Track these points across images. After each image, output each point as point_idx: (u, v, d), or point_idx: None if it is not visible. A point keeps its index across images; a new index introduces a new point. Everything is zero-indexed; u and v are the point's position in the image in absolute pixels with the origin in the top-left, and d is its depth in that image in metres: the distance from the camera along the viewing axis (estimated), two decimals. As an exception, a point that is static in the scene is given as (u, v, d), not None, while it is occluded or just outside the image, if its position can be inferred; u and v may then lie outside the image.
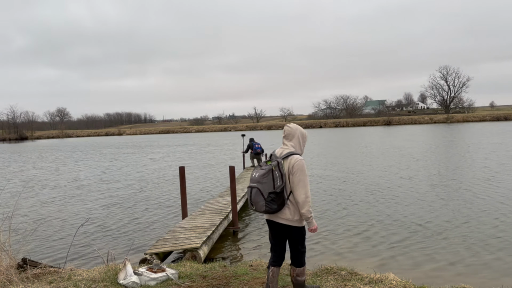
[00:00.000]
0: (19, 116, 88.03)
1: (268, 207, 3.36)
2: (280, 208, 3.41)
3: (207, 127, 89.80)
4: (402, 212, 8.93)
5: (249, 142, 15.83)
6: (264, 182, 3.36)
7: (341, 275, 4.68)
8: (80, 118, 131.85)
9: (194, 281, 4.48)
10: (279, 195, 3.38)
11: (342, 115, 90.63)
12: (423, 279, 5.18)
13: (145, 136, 74.52)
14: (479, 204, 9.37)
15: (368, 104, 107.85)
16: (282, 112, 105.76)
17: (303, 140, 3.64)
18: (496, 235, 7.06)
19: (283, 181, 3.39)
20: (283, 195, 3.41)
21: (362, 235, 7.41)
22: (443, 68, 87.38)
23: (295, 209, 3.44)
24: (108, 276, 4.62)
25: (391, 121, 74.05)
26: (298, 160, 3.43)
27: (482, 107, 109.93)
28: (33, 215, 10.38)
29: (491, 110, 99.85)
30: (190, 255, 5.84)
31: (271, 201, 3.36)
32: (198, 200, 11.34)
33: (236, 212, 8.12)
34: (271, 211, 3.40)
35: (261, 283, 4.31)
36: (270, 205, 3.36)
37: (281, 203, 3.41)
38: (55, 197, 13.01)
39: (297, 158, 3.44)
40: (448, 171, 14.45)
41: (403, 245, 6.78)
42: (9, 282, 4.36)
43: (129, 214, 10.10)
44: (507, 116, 69.56)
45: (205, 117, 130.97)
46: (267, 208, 3.37)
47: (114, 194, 13.04)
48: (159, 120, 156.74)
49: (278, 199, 3.38)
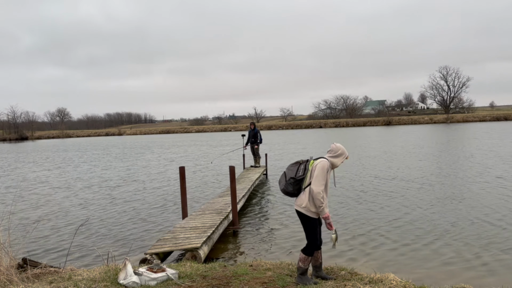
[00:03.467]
0: (20, 116, 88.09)
1: (286, 187, 4.33)
2: (294, 193, 4.33)
3: (207, 127, 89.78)
4: (402, 212, 8.94)
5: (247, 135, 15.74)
6: (290, 169, 4.37)
7: (341, 275, 4.69)
8: (80, 118, 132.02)
9: (194, 281, 4.48)
10: (296, 182, 4.29)
11: (342, 115, 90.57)
12: (423, 279, 5.19)
13: (145, 136, 74.51)
14: (479, 203, 9.37)
15: (368, 104, 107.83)
16: (282, 112, 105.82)
17: (342, 156, 4.35)
18: (497, 235, 7.06)
19: (304, 174, 4.27)
20: (300, 184, 4.30)
21: (362, 235, 7.41)
22: (443, 68, 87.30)
23: (309, 201, 4.20)
24: (108, 276, 4.62)
25: (391, 121, 74.06)
26: (322, 161, 4.26)
27: (482, 107, 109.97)
28: (33, 215, 10.38)
29: (491, 110, 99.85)
30: (190, 255, 5.84)
31: (289, 184, 4.30)
32: (199, 200, 11.35)
33: (236, 212, 8.12)
34: (287, 192, 4.35)
35: (261, 283, 4.32)
36: (288, 186, 4.31)
37: (297, 189, 4.31)
38: (55, 197, 13.01)
39: (321, 160, 4.27)
40: (448, 169, 14.45)
41: (403, 245, 6.77)
42: (9, 282, 4.36)
43: (129, 214, 10.10)
44: (507, 116, 69.55)
45: (205, 117, 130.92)
46: (284, 188, 4.35)
47: (115, 194, 13.04)
48: (159, 120, 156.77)
49: (295, 185, 4.29)
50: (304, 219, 4.28)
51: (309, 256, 4.29)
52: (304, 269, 4.31)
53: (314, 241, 4.28)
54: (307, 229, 4.30)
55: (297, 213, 4.36)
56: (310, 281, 4.31)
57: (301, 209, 4.24)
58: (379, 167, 16.37)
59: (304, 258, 4.28)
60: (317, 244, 4.33)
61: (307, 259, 4.29)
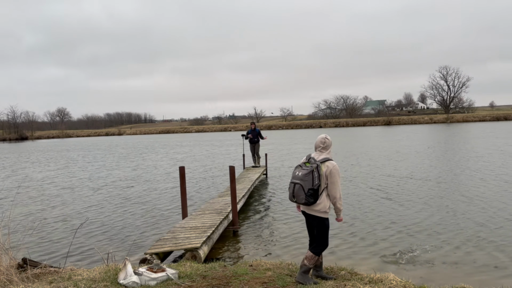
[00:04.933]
0: (19, 116, 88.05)
1: (307, 200, 4.16)
2: (315, 201, 4.20)
3: (207, 127, 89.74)
4: (402, 212, 8.94)
5: (246, 134, 15.72)
6: (306, 180, 4.14)
7: (341, 275, 4.69)
8: (80, 118, 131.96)
9: (194, 281, 4.48)
10: (316, 191, 4.16)
11: (342, 115, 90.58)
12: (423, 279, 5.19)
13: (146, 136, 74.48)
14: (480, 204, 9.38)
15: (368, 104, 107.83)
16: (282, 112, 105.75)
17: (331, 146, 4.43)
18: (499, 235, 7.06)
19: (319, 180, 4.15)
20: (318, 191, 4.18)
21: (362, 235, 7.41)
22: (443, 68, 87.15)
23: (324, 204, 4.21)
24: (108, 276, 4.62)
25: (391, 121, 74.05)
26: (335, 165, 4.22)
27: (482, 107, 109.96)
28: (33, 215, 10.38)
29: (490, 110, 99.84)
30: (190, 255, 5.85)
31: (310, 196, 4.14)
32: (200, 199, 11.35)
33: (236, 212, 8.12)
34: (308, 204, 4.21)
35: (261, 283, 4.32)
36: (308, 198, 4.16)
37: (316, 197, 4.19)
38: (55, 196, 13.01)
39: (333, 164, 4.22)
40: (451, 174, 14.46)
41: (403, 245, 6.78)
42: (9, 282, 4.36)
43: (130, 214, 10.10)
44: (507, 116, 69.56)
45: (205, 117, 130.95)
46: (306, 201, 4.17)
47: (115, 194, 13.04)
48: (159, 120, 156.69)
49: (315, 194, 4.17)
50: (320, 222, 4.29)
51: (317, 256, 4.34)
52: (308, 267, 4.33)
53: (327, 241, 4.35)
54: (322, 231, 4.32)
55: (309, 216, 4.36)
56: (311, 280, 4.32)
57: (318, 213, 4.25)
58: (393, 166, 16.38)
59: (312, 257, 4.31)
60: (327, 244, 4.39)
61: (313, 258, 4.32)
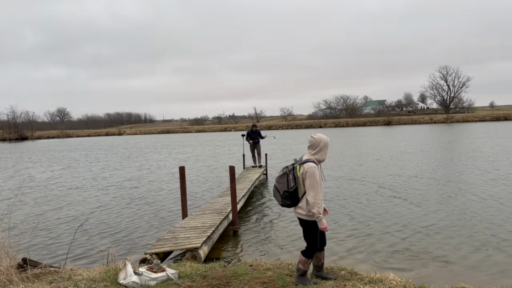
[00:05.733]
0: (19, 116, 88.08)
1: (283, 202, 4.14)
2: (294, 204, 4.12)
3: (207, 127, 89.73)
4: (403, 212, 8.94)
5: (247, 134, 15.69)
6: (280, 182, 4.16)
7: (341, 275, 4.69)
8: (80, 118, 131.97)
9: (194, 281, 4.48)
10: (292, 194, 4.08)
11: (342, 115, 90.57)
12: (423, 279, 5.18)
13: (146, 136, 74.48)
14: (481, 203, 9.37)
15: (368, 104, 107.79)
16: (282, 112, 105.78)
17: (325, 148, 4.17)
18: (499, 235, 7.06)
19: (295, 183, 4.05)
20: (296, 194, 4.08)
21: (362, 235, 7.41)
22: (443, 68, 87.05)
23: (307, 206, 4.06)
24: (108, 276, 4.62)
25: (391, 121, 74.04)
26: (310, 167, 3.98)
27: (482, 107, 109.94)
28: (33, 215, 10.38)
29: (491, 110, 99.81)
30: (190, 255, 5.85)
31: (285, 198, 4.11)
32: (200, 198, 11.35)
33: (236, 212, 8.12)
34: (285, 205, 4.16)
35: (261, 283, 4.32)
36: (284, 200, 4.13)
37: (295, 200, 4.10)
38: (57, 197, 13.01)
39: (310, 166, 3.99)
40: (456, 173, 14.46)
41: (403, 245, 6.77)
42: (9, 282, 4.36)
43: (130, 214, 10.10)
44: (507, 116, 69.55)
45: (205, 117, 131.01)
46: (282, 203, 4.16)
47: (115, 194, 13.04)
48: (159, 120, 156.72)
49: (292, 197, 4.09)
50: (305, 224, 4.19)
51: (309, 259, 4.24)
52: (304, 270, 4.26)
53: (314, 244, 4.21)
54: (308, 233, 4.21)
55: (298, 218, 4.30)
56: (310, 282, 4.30)
57: (302, 216, 4.15)
58: (402, 166, 16.38)
59: (304, 261, 4.23)
60: (317, 247, 4.26)
61: (307, 262, 4.24)
